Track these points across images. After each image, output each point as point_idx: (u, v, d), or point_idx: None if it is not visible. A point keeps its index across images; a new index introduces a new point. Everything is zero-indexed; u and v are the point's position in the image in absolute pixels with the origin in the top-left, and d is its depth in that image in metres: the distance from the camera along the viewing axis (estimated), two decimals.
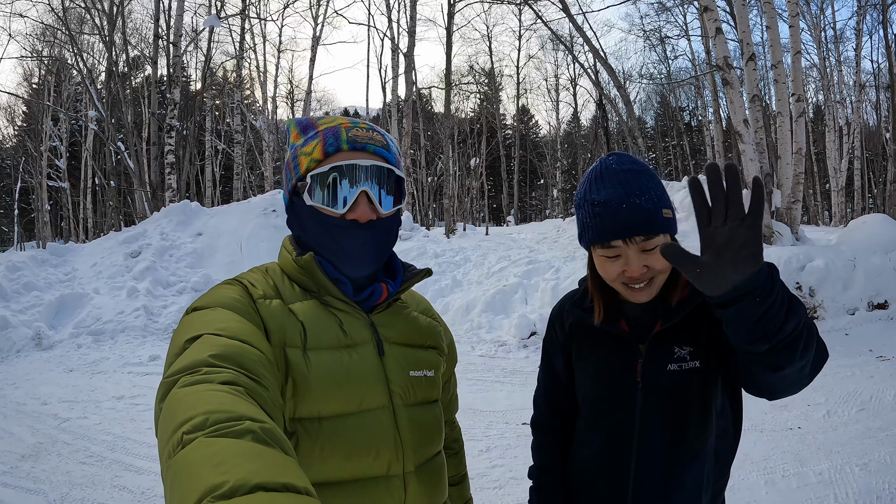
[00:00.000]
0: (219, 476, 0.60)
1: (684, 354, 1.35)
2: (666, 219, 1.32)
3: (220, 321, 0.99)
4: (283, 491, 0.60)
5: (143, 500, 3.85)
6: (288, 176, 1.23)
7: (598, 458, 1.44)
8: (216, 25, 18.24)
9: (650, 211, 1.30)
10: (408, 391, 1.19)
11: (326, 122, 1.24)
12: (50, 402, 5.87)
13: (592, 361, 1.47)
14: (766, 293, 1.03)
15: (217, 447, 0.65)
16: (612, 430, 1.41)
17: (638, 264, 1.30)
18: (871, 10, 25.38)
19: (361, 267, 1.20)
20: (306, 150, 1.20)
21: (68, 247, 12.08)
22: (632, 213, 1.29)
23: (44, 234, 30.03)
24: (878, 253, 9.11)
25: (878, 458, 4.17)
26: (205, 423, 0.70)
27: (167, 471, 0.67)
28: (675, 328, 1.37)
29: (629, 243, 1.30)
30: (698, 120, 37.96)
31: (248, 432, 0.69)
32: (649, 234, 1.29)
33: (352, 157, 1.17)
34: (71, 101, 31.83)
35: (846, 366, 6.61)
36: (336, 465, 1.06)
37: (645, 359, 1.37)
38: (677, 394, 1.35)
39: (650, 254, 1.30)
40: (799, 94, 11.13)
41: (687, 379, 1.34)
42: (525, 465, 1.41)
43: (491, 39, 39.64)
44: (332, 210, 1.16)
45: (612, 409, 1.41)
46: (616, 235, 1.30)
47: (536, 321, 8.18)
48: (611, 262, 1.33)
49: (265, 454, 0.65)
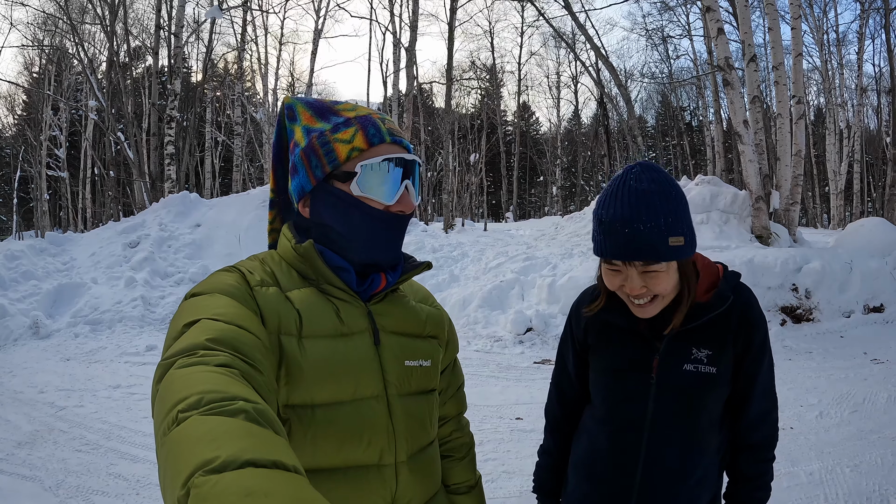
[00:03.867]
0: (211, 451, 0.62)
1: (702, 357, 1.38)
2: (673, 247, 1.31)
3: (218, 306, 1.00)
4: (272, 468, 0.61)
5: (139, 487, 3.87)
6: (315, 162, 1.18)
7: (608, 448, 1.47)
8: (218, 17, 18.22)
9: (652, 240, 1.29)
10: (403, 381, 1.19)
11: (350, 109, 1.23)
12: (47, 391, 5.89)
13: (608, 355, 1.49)
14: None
15: (210, 425, 0.67)
16: (623, 423, 1.44)
17: (637, 284, 1.32)
18: (873, 13, 25.39)
19: (391, 254, 1.22)
20: (342, 136, 1.17)
21: (67, 236, 12.08)
22: (633, 239, 1.29)
23: (42, 223, 29.98)
24: (874, 256, 9.14)
25: (869, 459, 4.19)
26: (199, 403, 0.71)
27: (162, 447, 0.69)
28: (697, 330, 1.39)
29: (628, 265, 1.33)
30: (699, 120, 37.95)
31: (241, 412, 0.70)
32: (648, 261, 1.30)
33: (395, 150, 1.18)
34: (71, 91, 31.73)
35: (840, 368, 6.64)
36: (328, 452, 1.07)
37: (662, 355, 1.40)
38: (690, 393, 1.38)
39: (650, 276, 1.32)
40: (800, 97, 11.14)
41: (701, 381, 1.37)
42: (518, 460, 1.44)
43: (493, 35, 39.57)
44: (381, 202, 1.16)
45: (625, 401, 1.44)
46: (615, 257, 1.33)
47: (532, 317, 8.21)
48: (613, 275, 1.36)
49: (256, 433, 0.67)
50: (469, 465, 1.46)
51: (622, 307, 1.44)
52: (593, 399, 1.55)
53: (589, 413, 1.57)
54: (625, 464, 1.43)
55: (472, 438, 1.49)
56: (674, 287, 1.37)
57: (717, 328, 1.39)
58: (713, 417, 1.41)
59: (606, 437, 1.48)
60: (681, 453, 1.39)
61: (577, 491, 1.55)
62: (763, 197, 10.37)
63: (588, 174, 46.55)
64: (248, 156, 30.36)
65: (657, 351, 1.40)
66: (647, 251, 1.29)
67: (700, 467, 1.40)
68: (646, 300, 1.35)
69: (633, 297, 1.35)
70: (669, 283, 1.35)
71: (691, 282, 1.39)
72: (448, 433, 1.43)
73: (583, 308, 1.55)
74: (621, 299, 1.44)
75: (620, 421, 1.45)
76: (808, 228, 23.41)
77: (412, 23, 19.17)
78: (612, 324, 1.48)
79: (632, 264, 1.32)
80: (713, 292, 1.40)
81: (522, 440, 4.53)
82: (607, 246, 1.32)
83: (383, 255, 1.21)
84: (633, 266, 1.32)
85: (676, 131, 43.88)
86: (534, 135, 52.43)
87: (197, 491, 0.58)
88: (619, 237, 1.30)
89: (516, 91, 42.76)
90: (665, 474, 1.40)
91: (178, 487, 0.60)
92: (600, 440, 1.49)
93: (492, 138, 42.22)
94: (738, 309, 1.40)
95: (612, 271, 1.36)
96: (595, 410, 1.54)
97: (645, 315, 1.37)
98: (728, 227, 10.54)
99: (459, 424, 1.47)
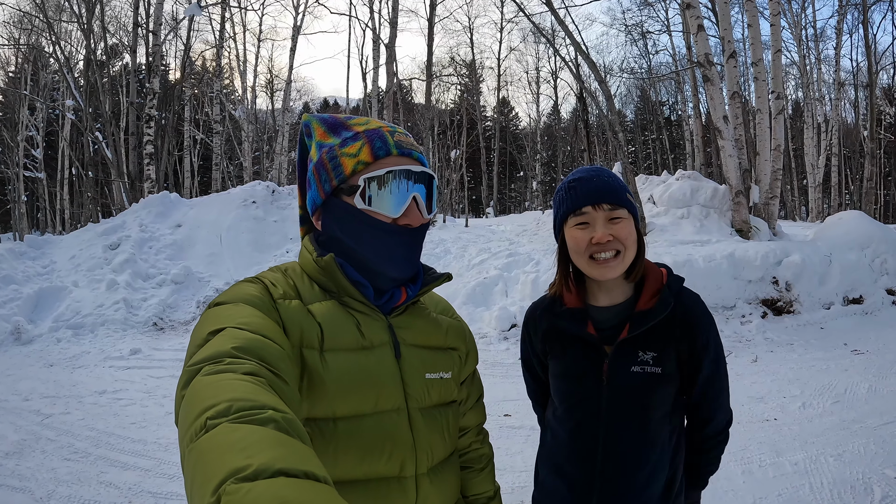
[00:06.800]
0: (243, 460, 0.62)
1: (647, 359, 1.50)
2: (629, 200, 1.52)
3: (243, 316, 1.01)
4: (304, 478, 0.62)
5: (131, 495, 3.84)
6: (325, 176, 1.20)
7: (569, 444, 1.59)
8: (197, 14, 18.01)
9: (616, 187, 1.50)
10: (423, 393, 1.20)
11: (361, 124, 1.23)
12: (31, 398, 5.81)
13: (563, 361, 1.61)
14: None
15: (241, 433, 0.67)
16: (581, 422, 1.57)
17: (604, 230, 1.47)
18: (851, 9, 25.69)
19: (404, 269, 1.22)
20: (349, 150, 1.18)
21: (46, 239, 11.90)
22: (601, 185, 1.50)
23: (21, 225, 29.50)
24: (853, 249, 9.28)
25: (853, 448, 4.28)
26: (229, 410, 0.72)
27: (189, 453, 0.69)
28: (641, 335, 1.50)
29: (597, 209, 1.48)
30: (678, 114, 38.12)
31: (270, 421, 0.71)
32: (615, 204, 1.48)
33: (402, 163, 1.18)
34: (48, 90, 31.16)
35: (821, 359, 6.75)
36: (349, 465, 1.08)
37: (611, 360, 1.51)
38: (638, 392, 1.50)
39: (616, 224, 1.48)
40: (778, 92, 11.27)
41: (647, 380, 1.50)
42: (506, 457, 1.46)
43: (473, 31, 39.53)
44: (386, 215, 1.16)
45: (582, 402, 1.56)
46: (587, 201, 1.48)
47: (517, 313, 8.25)
48: (580, 231, 1.50)
49: (287, 442, 0.67)
50: (488, 477, 1.48)
51: (571, 313, 1.58)
52: (553, 398, 1.67)
53: (551, 411, 1.69)
54: (585, 457, 1.55)
55: (491, 450, 1.51)
56: (633, 244, 1.50)
57: (661, 332, 1.51)
58: (664, 410, 1.53)
59: (567, 433, 1.59)
60: (634, 445, 1.51)
61: (547, 481, 1.65)
62: (743, 191, 10.48)
63: (568, 169, 46.59)
64: (227, 154, 30.12)
65: (606, 356, 1.52)
66: (613, 194, 1.49)
67: (654, 453, 1.51)
68: (610, 254, 1.47)
69: (599, 250, 1.47)
70: (631, 234, 1.49)
71: (641, 247, 1.55)
72: (468, 444, 1.44)
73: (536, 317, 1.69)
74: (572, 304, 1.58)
75: (578, 419, 1.57)
76: (787, 221, 23.68)
77: (392, 19, 19.07)
78: (564, 332, 1.59)
79: (600, 208, 1.48)
80: (657, 299, 1.52)
81: (511, 437, 4.51)
82: (579, 195, 1.50)
83: (394, 268, 1.20)
84: (600, 210, 1.48)
85: (656, 126, 44.15)
86: (513, 130, 52.49)
87: (228, 498, 0.58)
88: (589, 184, 1.50)
89: (496, 86, 42.79)
90: (622, 463, 1.51)
91: (208, 494, 0.60)
92: (561, 436, 1.61)
93: (472, 134, 42.19)
94: (680, 314, 1.53)
95: (579, 228, 1.50)
96: (555, 410, 1.65)
97: (607, 275, 1.49)
98: (708, 222, 10.65)
99: (479, 436, 1.48)
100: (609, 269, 1.48)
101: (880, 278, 9.09)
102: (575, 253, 1.52)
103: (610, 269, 1.48)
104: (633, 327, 1.50)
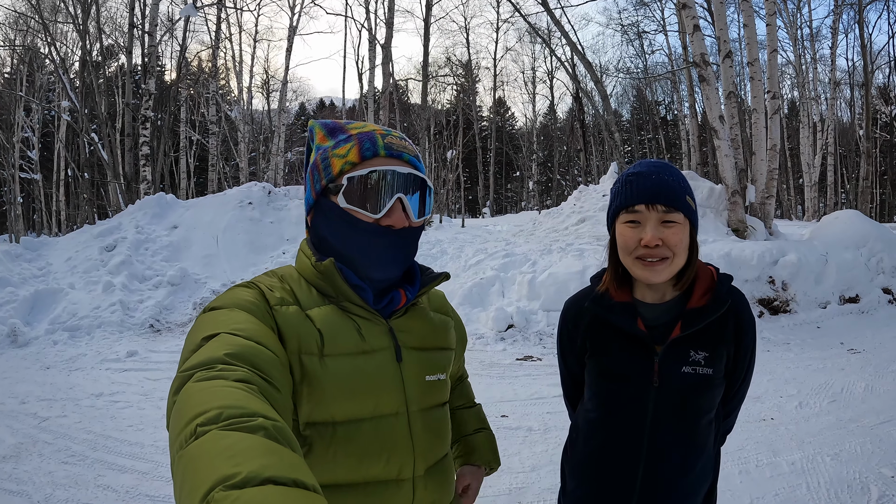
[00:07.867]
0: (232, 467, 0.62)
1: (699, 359, 1.43)
2: (688, 204, 1.43)
3: (237, 322, 1.00)
4: (293, 486, 0.62)
5: (128, 498, 3.82)
6: (316, 177, 1.21)
7: (608, 450, 1.51)
8: (193, 14, 17.99)
9: (675, 189, 1.42)
10: (423, 396, 1.21)
11: (358, 128, 1.23)
12: (28, 401, 5.79)
13: (607, 360, 1.52)
14: None
15: (231, 440, 0.67)
16: (622, 426, 1.48)
17: (654, 233, 1.39)
18: (847, 9, 25.73)
19: (387, 271, 1.20)
20: (339, 152, 1.19)
21: (42, 241, 11.86)
22: (659, 184, 1.41)
23: (17, 227, 29.41)
24: (849, 248, 9.29)
25: (849, 448, 4.28)
26: (219, 417, 0.72)
27: (179, 459, 0.69)
28: (693, 334, 1.44)
29: (651, 209, 1.40)
30: (674, 114, 38.23)
31: (260, 428, 0.71)
32: (670, 206, 1.40)
33: (389, 163, 1.18)
34: (44, 91, 31.14)
35: (818, 358, 6.76)
36: (348, 468, 1.08)
37: (661, 359, 1.43)
38: (689, 395, 1.43)
39: (668, 228, 1.40)
40: (774, 92, 11.27)
41: (699, 382, 1.42)
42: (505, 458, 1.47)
43: (468, 31, 39.59)
44: (367, 214, 1.15)
45: (627, 404, 1.48)
46: (640, 199, 1.41)
47: (514, 314, 8.25)
48: (630, 229, 1.43)
49: (276, 450, 0.67)
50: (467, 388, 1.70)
51: (623, 307, 1.49)
52: (588, 401, 1.58)
53: (583, 415, 1.60)
54: (626, 464, 1.47)
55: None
56: (683, 251, 1.42)
57: (714, 331, 1.44)
58: (711, 415, 1.47)
59: (605, 438, 1.51)
60: (682, 452, 1.44)
61: (579, 490, 1.58)
62: (739, 191, 10.50)
63: (564, 169, 46.72)
64: (224, 155, 30.08)
65: (657, 355, 1.44)
66: (670, 196, 1.40)
67: (700, 461, 1.46)
68: (658, 259, 1.39)
69: (647, 253, 1.40)
70: (682, 241, 1.41)
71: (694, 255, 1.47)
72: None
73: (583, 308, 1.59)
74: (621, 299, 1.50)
75: (620, 424, 1.49)
76: (783, 220, 23.71)
77: (388, 19, 19.07)
78: (611, 326, 1.51)
79: (653, 208, 1.39)
80: (709, 296, 1.45)
81: (509, 438, 4.49)
82: (634, 191, 1.42)
83: (378, 269, 1.19)
84: (654, 211, 1.40)
85: (651, 125, 44.19)
86: (509, 130, 52.56)
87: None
88: (646, 181, 1.42)
89: (492, 87, 42.86)
90: (667, 471, 1.44)
91: (197, 501, 0.60)
92: (597, 442, 1.53)
93: (468, 134, 42.22)
94: (734, 312, 1.46)
95: (630, 226, 1.43)
96: (589, 413, 1.57)
97: (651, 279, 1.42)
98: (705, 221, 10.65)
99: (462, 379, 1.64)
100: (655, 272, 1.41)
101: (876, 277, 9.10)
102: (622, 250, 1.45)
103: (656, 272, 1.41)
104: (686, 325, 1.43)
